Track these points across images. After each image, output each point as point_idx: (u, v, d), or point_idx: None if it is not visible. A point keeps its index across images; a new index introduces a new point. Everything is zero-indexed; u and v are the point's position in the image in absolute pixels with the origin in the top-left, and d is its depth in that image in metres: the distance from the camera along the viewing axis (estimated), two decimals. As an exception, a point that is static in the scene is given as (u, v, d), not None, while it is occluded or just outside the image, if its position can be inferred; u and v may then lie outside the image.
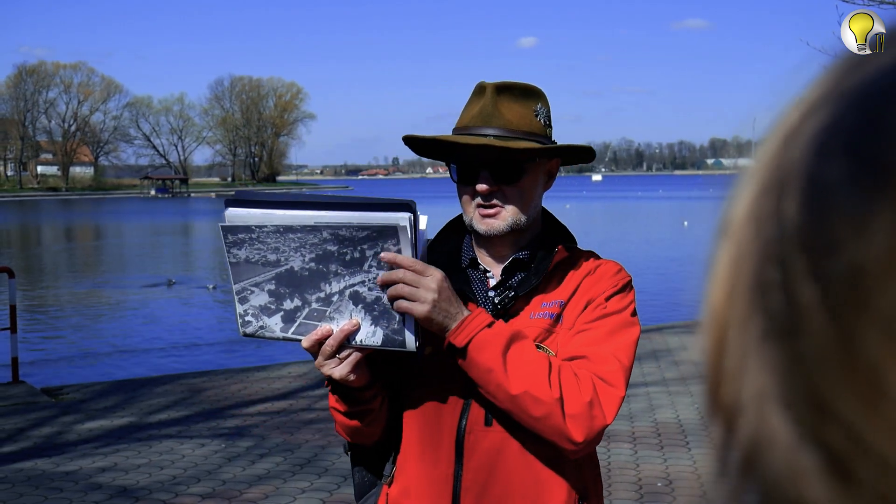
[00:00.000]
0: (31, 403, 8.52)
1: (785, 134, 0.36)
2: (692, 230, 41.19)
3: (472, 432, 1.95)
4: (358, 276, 1.81)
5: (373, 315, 1.82)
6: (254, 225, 1.83)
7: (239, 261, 1.88)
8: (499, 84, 2.00)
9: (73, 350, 13.92)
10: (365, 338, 1.84)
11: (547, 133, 2.02)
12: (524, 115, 1.99)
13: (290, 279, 1.85)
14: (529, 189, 2.00)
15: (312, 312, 1.85)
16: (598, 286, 2.00)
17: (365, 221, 1.77)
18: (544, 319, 1.97)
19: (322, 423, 7.62)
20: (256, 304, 1.89)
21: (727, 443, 0.34)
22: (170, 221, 57.59)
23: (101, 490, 6.02)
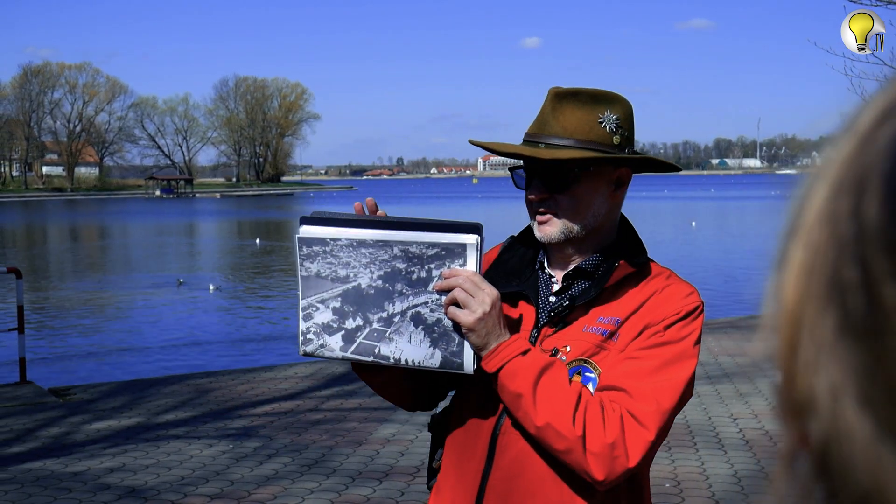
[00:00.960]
0: (39, 404, 8.54)
1: (860, 136, 0.36)
2: (700, 230, 41.15)
3: (506, 433, 1.96)
4: (422, 296, 1.84)
5: (432, 337, 1.85)
6: (329, 238, 1.87)
7: (310, 275, 1.90)
8: (563, 90, 1.97)
9: (81, 350, 13.94)
10: (423, 360, 1.87)
11: (613, 141, 1.96)
12: (585, 122, 1.94)
13: (356, 297, 1.87)
14: (584, 197, 1.96)
15: (372, 332, 1.88)
16: (660, 310, 1.92)
17: (436, 240, 1.82)
18: (597, 335, 1.93)
19: (330, 423, 7.63)
20: (319, 322, 1.92)
21: (799, 438, 0.35)
22: (175, 222, 57.64)
23: (110, 490, 6.03)
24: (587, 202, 1.97)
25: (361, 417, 7.80)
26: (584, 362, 1.91)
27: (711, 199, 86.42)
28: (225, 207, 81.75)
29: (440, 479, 2.10)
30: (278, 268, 26.24)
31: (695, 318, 1.94)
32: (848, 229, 0.34)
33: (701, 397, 8.41)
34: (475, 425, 2.01)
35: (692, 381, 1.92)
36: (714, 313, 15.43)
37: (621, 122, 1.97)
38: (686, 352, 1.90)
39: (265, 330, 15.58)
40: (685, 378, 1.89)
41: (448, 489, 2.06)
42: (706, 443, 6.97)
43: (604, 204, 1.99)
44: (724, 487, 5.96)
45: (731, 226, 47.03)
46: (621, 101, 1.99)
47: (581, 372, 1.91)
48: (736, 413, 7.85)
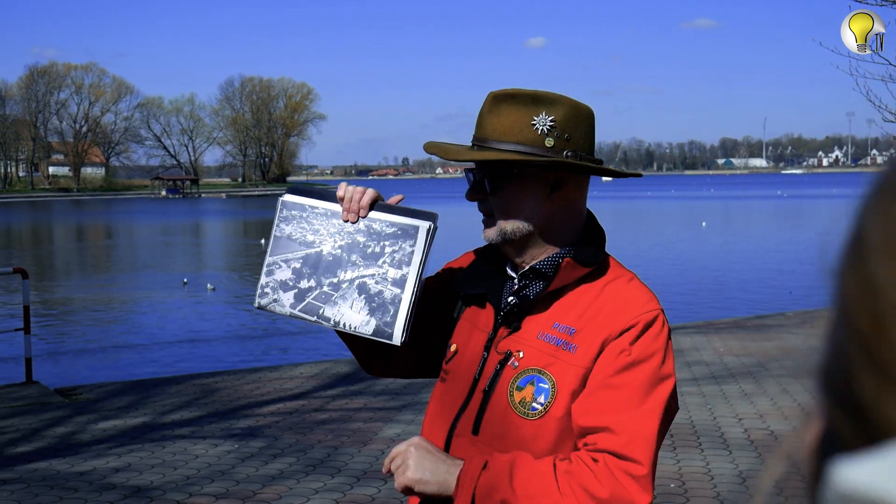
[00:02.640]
0: (45, 404, 8.56)
1: None
2: (711, 231, 41.08)
3: (459, 436, 1.96)
4: (371, 268, 2.01)
5: (371, 306, 2.00)
6: (308, 206, 2.08)
7: (283, 235, 2.09)
8: (501, 92, 1.95)
9: (87, 350, 13.97)
10: (359, 326, 2.01)
11: (545, 143, 1.89)
12: (517, 124, 1.90)
13: (316, 261, 2.05)
14: (515, 199, 1.92)
15: (321, 295, 2.04)
16: (618, 320, 1.86)
17: (396, 220, 2.01)
18: (551, 344, 1.89)
19: (335, 423, 7.64)
20: (278, 279, 2.08)
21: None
22: (181, 222, 57.72)
23: (116, 490, 6.05)
24: (517, 204, 1.93)
25: (367, 417, 7.81)
26: (538, 372, 1.88)
27: (711, 198, 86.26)
28: (230, 207, 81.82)
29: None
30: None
31: (659, 330, 1.87)
32: None
33: (706, 397, 8.41)
34: (437, 424, 2.03)
35: (674, 396, 1.87)
36: (719, 313, 15.42)
37: (558, 124, 1.91)
38: (659, 370, 1.84)
39: (271, 329, 15.59)
40: (664, 399, 1.83)
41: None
42: (711, 443, 6.96)
43: (539, 206, 1.93)
44: (729, 487, 5.96)
45: (741, 226, 46.98)
46: (563, 103, 1.93)
47: (535, 382, 1.88)
48: (741, 413, 7.85)
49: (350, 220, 2.03)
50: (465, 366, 1.99)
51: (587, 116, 1.96)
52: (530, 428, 1.86)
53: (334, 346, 13.63)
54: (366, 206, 2.02)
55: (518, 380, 1.89)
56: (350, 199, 2.03)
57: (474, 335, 2.02)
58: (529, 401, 1.87)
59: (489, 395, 1.92)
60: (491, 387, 1.93)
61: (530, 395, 1.87)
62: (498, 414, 1.90)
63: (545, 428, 1.85)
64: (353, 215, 2.03)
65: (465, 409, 1.97)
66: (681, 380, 9.16)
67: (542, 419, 1.85)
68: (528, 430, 1.86)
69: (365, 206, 2.02)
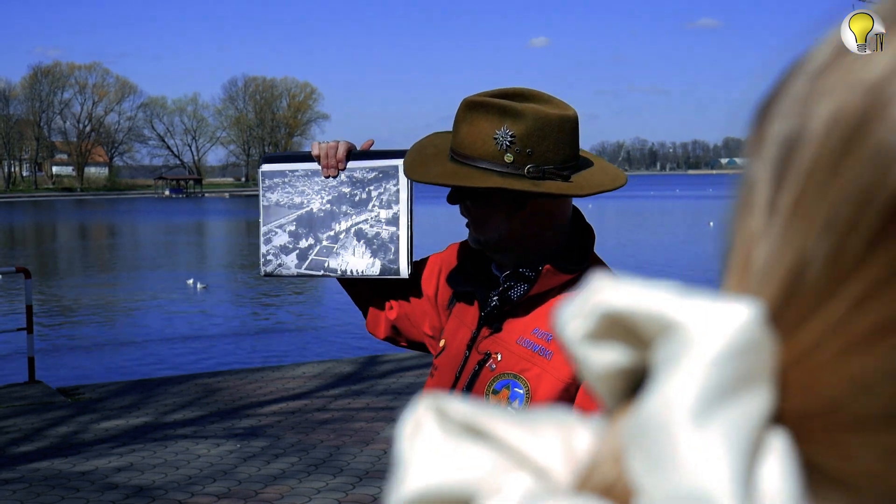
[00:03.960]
0: (48, 403, 8.57)
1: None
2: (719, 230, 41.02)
3: None
4: (363, 214, 2.09)
5: (372, 249, 2.09)
6: (288, 171, 2.16)
7: (270, 204, 2.18)
8: (473, 100, 1.90)
9: (89, 350, 13.99)
10: (366, 269, 2.10)
11: (504, 158, 1.84)
12: (480, 137, 1.86)
13: (309, 220, 2.14)
14: (482, 215, 1.93)
15: (322, 249, 2.13)
16: None
17: (374, 165, 2.09)
18: (527, 349, 1.88)
19: (337, 423, 7.64)
20: (277, 245, 2.18)
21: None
22: (184, 221, 57.78)
23: (118, 490, 6.05)
24: (484, 220, 1.93)
25: (369, 417, 7.81)
26: (513, 377, 1.87)
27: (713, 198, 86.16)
28: (234, 207, 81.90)
29: None
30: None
31: None
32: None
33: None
34: None
35: None
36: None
37: (518, 139, 1.83)
38: None
39: (273, 329, 15.61)
40: None
41: None
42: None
43: (504, 223, 1.91)
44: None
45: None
46: (527, 115, 1.84)
47: (510, 386, 1.87)
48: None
49: (331, 174, 2.11)
50: (450, 363, 2.00)
51: (558, 126, 1.86)
52: None
53: (337, 346, 13.64)
54: (342, 157, 2.10)
55: (494, 383, 1.89)
56: (326, 155, 2.11)
57: (460, 332, 2.03)
58: (504, 405, 1.85)
59: (467, 395, 1.92)
60: (469, 387, 1.93)
61: (506, 400, 1.86)
62: None
63: None
64: (332, 170, 2.10)
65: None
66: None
67: None
68: None
69: (342, 159, 2.10)
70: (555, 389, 1.82)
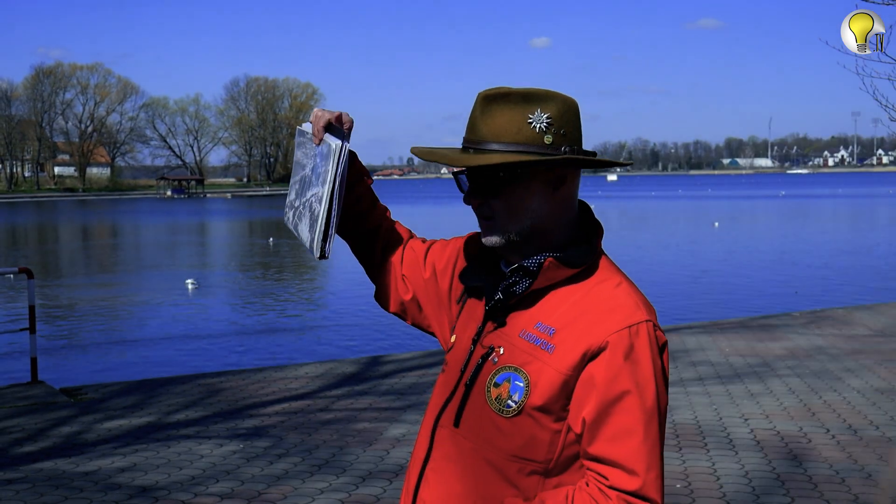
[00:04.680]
0: (51, 403, 8.57)
1: None
2: (724, 231, 41.03)
3: (442, 427, 1.98)
4: (316, 188, 2.15)
5: (311, 223, 2.17)
6: (307, 131, 2.24)
7: (296, 160, 2.30)
8: (491, 92, 1.92)
9: (92, 350, 13.99)
10: (306, 241, 2.19)
11: (544, 140, 1.88)
12: (513, 123, 1.88)
13: (303, 182, 2.24)
14: (518, 201, 1.91)
15: (298, 213, 2.25)
16: (600, 330, 1.82)
17: (329, 140, 2.13)
18: (530, 343, 1.88)
19: (340, 423, 7.63)
20: (290, 200, 2.32)
21: None
22: (186, 221, 57.78)
23: (121, 490, 6.05)
24: (522, 205, 1.91)
25: (372, 417, 7.80)
26: (514, 370, 1.87)
27: (715, 198, 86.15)
28: (236, 207, 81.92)
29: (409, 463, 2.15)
30: (291, 267, 26.25)
31: (647, 343, 1.83)
32: None
33: (712, 397, 8.39)
34: (429, 414, 2.05)
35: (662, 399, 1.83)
36: (725, 313, 15.39)
37: (554, 121, 1.89)
38: (656, 389, 1.81)
39: (276, 329, 15.61)
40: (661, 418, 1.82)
41: (408, 473, 2.10)
42: (717, 443, 6.95)
43: (543, 205, 1.92)
44: (735, 488, 5.94)
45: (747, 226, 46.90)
46: (556, 99, 1.91)
47: (511, 379, 1.87)
48: (747, 413, 7.83)
49: (316, 143, 2.17)
50: (457, 357, 2.01)
51: (576, 110, 1.95)
52: (504, 425, 1.86)
53: (339, 346, 13.64)
54: (320, 129, 2.13)
55: (496, 376, 1.89)
56: (314, 124, 2.16)
57: (469, 327, 2.03)
58: (505, 398, 1.86)
59: (470, 388, 1.93)
60: (472, 381, 1.93)
61: (506, 392, 1.87)
62: (476, 408, 1.91)
63: (518, 426, 1.85)
64: (315, 139, 2.16)
65: (450, 401, 1.98)
66: (686, 380, 9.14)
67: (517, 417, 1.85)
68: (502, 426, 1.86)
69: (320, 129, 2.13)
70: (555, 382, 1.82)
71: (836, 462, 6.46)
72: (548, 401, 1.82)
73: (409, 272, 2.24)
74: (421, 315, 2.24)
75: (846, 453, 6.67)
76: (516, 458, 1.85)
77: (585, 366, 1.81)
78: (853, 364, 9.91)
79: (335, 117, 2.13)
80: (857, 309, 14.51)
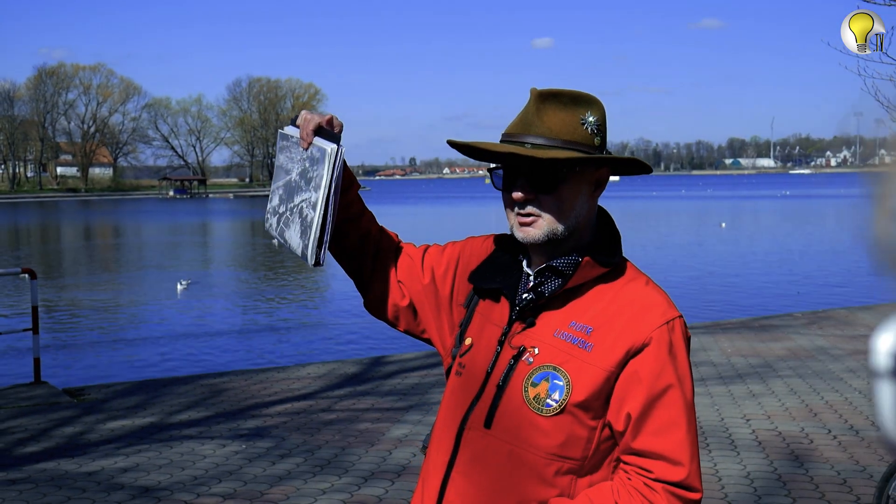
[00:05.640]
0: (53, 404, 8.59)
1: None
2: (730, 231, 40.98)
3: (470, 429, 1.98)
4: (306, 193, 2.10)
5: (301, 229, 2.12)
6: (289, 135, 2.18)
7: (279, 165, 2.24)
8: (545, 91, 1.96)
9: (95, 350, 14.00)
10: (296, 247, 2.14)
11: (594, 142, 1.96)
12: (568, 123, 1.94)
13: (288, 188, 2.19)
14: (569, 198, 1.95)
15: (284, 219, 2.20)
16: (641, 327, 1.88)
17: (319, 144, 2.07)
18: (567, 342, 1.91)
19: (342, 423, 7.64)
20: (272, 206, 2.27)
21: None
22: (189, 221, 57.81)
23: (124, 490, 6.06)
24: (571, 203, 1.95)
25: (374, 418, 7.81)
26: (553, 369, 1.90)
27: (716, 199, 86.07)
28: (238, 207, 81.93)
29: (423, 464, 2.14)
30: (294, 267, 26.28)
31: (684, 338, 1.92)
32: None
33: (713, 398, 8.40)
34: (451, 416, 2.04)
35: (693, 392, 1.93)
36: (727, 314, 15.39)
37: (599, 124, 1.97)
38: (691, 384, 1.90)
39: (278, 330, 15.62)
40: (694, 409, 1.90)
41: (425, 477, 2.09)
42: (719, 444, 6.95)
43: (584, 205, 1.98)
44: (736, 489, 5.95)
45: (749, 226, 46.86)
46: (598, 104, 1.99)
47: (549, 378, 1.90)
48: (748, 414, 7.83)
49: (302, 146, 2.12)
50: (479, 360, 2.01)
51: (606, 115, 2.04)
52: (544, 423, 1.88)
53: (341, 346, 13.64)
54: (310, 132, 2.09)
55: (533, 376, 1.91)
56: (302, 128, 2.11)
57: (487, 329, 2.04)
58: (544, 397, 1.89)
59: (503, 389, 1.94)
60: (505, 381, 1.94)
61: (545, 392, 1.89)
62: (511, 409, 1.92)
63: (559, 424, 1.88)
64: (304, 143, 2.11)
65: (478, 402, 1.98)
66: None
67: (557, 416, 1.88)
68: (542, 425, 1.88)
69: (310, 133, 2.09)
70: (597, 379, 1.86)
71: (838, 463, 6.47)
72: (589, 398, 1.87)
73: (405, 278, 2.22)
74: (416, 321, 2.23)
75: (848, 454, 6.67)
76: (555, 457, 1.88)
77: (628, 362, 1.86)
78: (855, 364, 9.91)
79: (326, 120, 2.09)
80: (859, 309, 14.51)
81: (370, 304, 2.29)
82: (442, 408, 2.10)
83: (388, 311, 2.25)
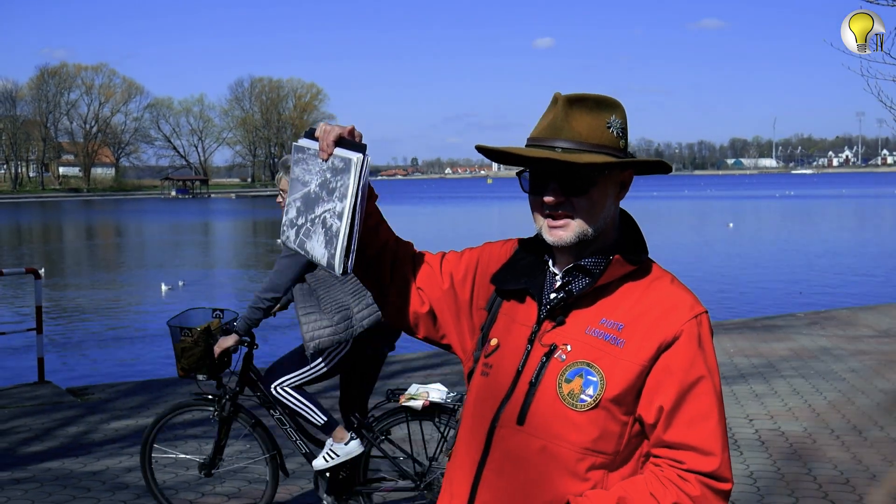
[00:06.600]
0: (58, 403, 8.60)
1: None
2: (738, 231, 40.95)
3: (503, 427, 1.99)
4: (329, 203, 2.09)
5: (326, 239, 2.11)
6: (306, 147, 2.18)
7: (294, 177, 2.23)
8: (571, 96, 1.99)
9: (99, 350, 14.02)
10: (320, 258, 2.13)
11: (620, 145, 2.00)
12: (596, 127, 1.97)
13: (307, 199, 2.18)
14: (599, 201, 1.99)
15: (305, 230, 2.19)
16: (669, 323, 1.93)
17: (342, 154, 2.08)
18: (599, 338, 1.95)
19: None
20: (289, 218, 2.25)
21: None
22: (191, 221, 57.82)
23: (128, 489, 6.08)
24: (601, 205, 1.99)
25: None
26: (586, 365, 1.93)
27: (717, 198, 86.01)
28: (240, 207, 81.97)
29: (449, 466, 2.15)
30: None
31: (711, 333, 1.97)
32: None
33: (716, 398, 8.40)
34: (479, 415, 2.05)
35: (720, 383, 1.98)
36: (729, 314, 15.39)
37: (623, 127, 2.02)
38: (715, 369, 1.95)
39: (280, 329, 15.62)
40: (719, 391, 1.95)
41: (452, 478, 2.10)
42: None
43: (611, 206, 2.03)
44: (740, 488, 5.96)
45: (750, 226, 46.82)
46: (620, 107, 2.04)
47: (583, 374, 1.93)
48: (752, 414, 7.84)
49: (322, 157, 2.11)
50: (508, 359, 2.03)
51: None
52: (578, 419, 1.91)
53: (344, 346, 13.63)
54: (331, 143, 2.09)
55: (567, 372, 1.94)
56: (322, 139, 2.11)
57: (514, 329, 2.06)
58: (578, 392, 1.92)
59: (535, 386, 1.97)
60: (537, 378, 1.97)
61: (578, 387, 1.92)
62: (545, 405, 1.95)
63: (592, 419, 1.91)
64: (324, 153, 2.11)
65: (509, 400, 2.00)
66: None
67: (591, 411, 1.91)
68: (576, 420, 1.92)
69: (330, 144, 2.09)
70: (631, 374, 1.91)
71: (841, 462, 6.47)
72: (622, 393, 1.91)
73: (424, 284, 2.24)
74: (435, 327, 2.25)
75: (851, 454, 6.68)
76: (589, 452, 1.91)
77: (660, 356, 1.91)
78: (857, 365, 9.92)
79: (347, 131, 2.10)
80: (862, 310, 14.50)
81: (390, 313, 2.30)
82: (467, 409, 2.12)
83: (409, 319, 2.26)
